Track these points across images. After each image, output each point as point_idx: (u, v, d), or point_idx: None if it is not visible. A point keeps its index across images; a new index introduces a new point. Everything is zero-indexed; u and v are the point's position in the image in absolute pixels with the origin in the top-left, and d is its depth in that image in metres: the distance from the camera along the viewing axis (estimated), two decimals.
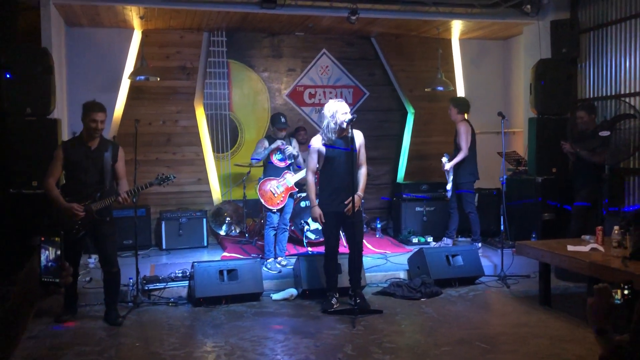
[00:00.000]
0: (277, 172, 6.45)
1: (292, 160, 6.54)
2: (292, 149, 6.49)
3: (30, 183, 5.90)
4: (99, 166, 4.97)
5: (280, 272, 6.19)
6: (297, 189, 6.59)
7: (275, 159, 6.48)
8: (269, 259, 6.37)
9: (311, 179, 5.37)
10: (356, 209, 5.13)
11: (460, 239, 8.03)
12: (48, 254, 1.55)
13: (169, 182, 5.33)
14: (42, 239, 1.56)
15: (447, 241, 7.32)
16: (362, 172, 5.30)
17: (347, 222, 5.23)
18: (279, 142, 6.40)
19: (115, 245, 5.22)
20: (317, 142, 5.26)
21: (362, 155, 5.30)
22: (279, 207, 6.37)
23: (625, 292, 2.00)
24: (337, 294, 5.40)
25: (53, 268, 1.55)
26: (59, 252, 1.56)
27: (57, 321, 5.03)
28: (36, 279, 1.54)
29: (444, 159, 7.07)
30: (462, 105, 7.23)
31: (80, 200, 4.87)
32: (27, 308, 1.56)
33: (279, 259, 6.45)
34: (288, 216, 6.55)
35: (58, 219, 4.87)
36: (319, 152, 5.26)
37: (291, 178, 6.46)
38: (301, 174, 6.50)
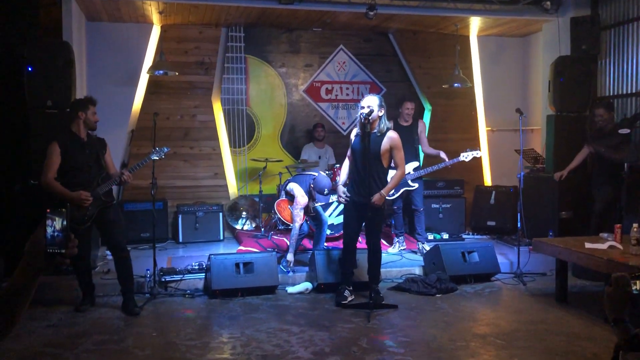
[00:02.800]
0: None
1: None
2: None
3: None
4: (94, 156, 5.09)
5: (289, 272, 6.07)
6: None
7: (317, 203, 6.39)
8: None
9: (344, 164, 5.58)
10: (375, 204, 5.14)
11: (476, 236, 8.01)
12: (54, 225, 1.55)
13: (163, 154, 5.43)
14: (48, 210, 1.56)
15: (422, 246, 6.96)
16: (395, 174, 5.30)
17: (367, 217, 5.23)
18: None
19: (123, 230, 5.35)
20: (353, 132, 5.45)
21: (397, 158, 5.27)
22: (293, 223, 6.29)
23: None
24: (351, 287, 5.41)
25: (59, 239, 1.55)
26: (64, 223, 1.56)
27: (77, 310, 5.11)
28: (41, 250, 1.54)
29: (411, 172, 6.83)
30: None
31: (85, 188, 4.94)
32: (30, 280, 1.56)
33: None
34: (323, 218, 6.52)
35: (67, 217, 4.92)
36: (350, 141, 5.44)
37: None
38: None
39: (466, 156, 6.74)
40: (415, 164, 6.89)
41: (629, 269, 4.33)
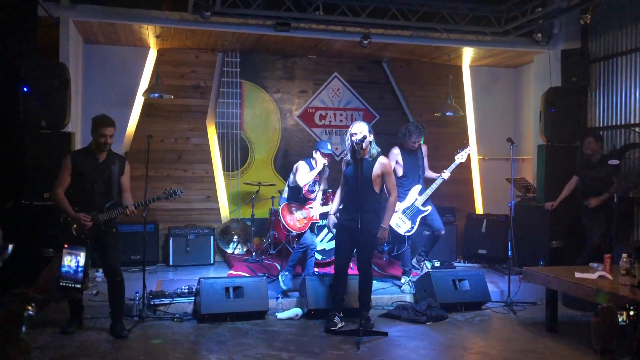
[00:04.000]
0: (301, 200, 6.42)
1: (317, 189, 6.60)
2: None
3: (42, 195, 5.96)
4: (106, 178, 5.05)
5: (286, 290, 6.09)
6: (320, 220, 6.60)
7: (307, 190, 6.47)
8: (286, 272, 6.34)
9: (337, 192, 5.66)
10: (381, 241, 5.30)
11: (467, 264, 8.01)
12: (76, 260, 1.59)
13: (176, 197, 5.41)
14: (66, 245, 1.60)
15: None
16: (389, 201, 5.36)
17: (358, 243, 5.23)
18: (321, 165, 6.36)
19: (120, 255, 5.31)
20: (344, 160, 5.50)
21: (388, 183, 5.35)
22: (298, 232, 6.33)
23: (631, 313, 2.01)
24: (341, 313, 5.38)
25: (78, 274, 1.58)
26: (84, 259, 1.61)
27: (63, 332, 5.04)
28: (54, 283, 1.57)
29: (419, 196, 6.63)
30: None
31: (87, 210, 4.93)
32: (38, 307, 1.58)
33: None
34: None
35: (65, 229, 4.92)
36: (343, 169, 5.49)
37: (317, 208, 6.45)
38: (327, 208, 6.61)
39: (460, 157, 6.66)
40: (418, 187, 6.69)
41: (619, 299, 4.35)
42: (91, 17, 6.65)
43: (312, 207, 6.44)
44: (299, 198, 6.61)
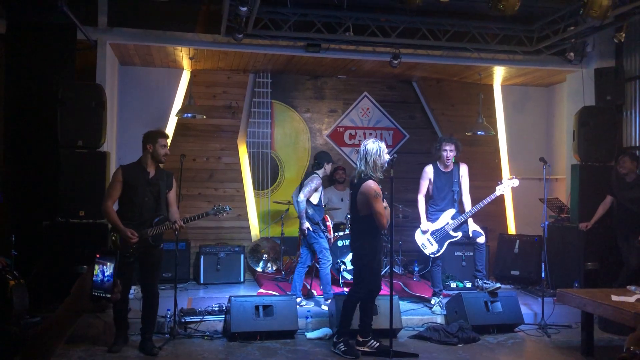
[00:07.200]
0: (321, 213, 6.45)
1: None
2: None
3: (78, 213, 6.10)
4: (156, 193, 5.10)
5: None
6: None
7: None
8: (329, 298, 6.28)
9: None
10: None
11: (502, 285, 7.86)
12: (103, 270, 1.61)
13: (224, 214, 5.39)
14: (98, 255, 1.62)
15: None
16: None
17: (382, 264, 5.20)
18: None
19: (160, 273, 5.40)
20: (377, 187, 4.99)
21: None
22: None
23: None
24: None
25: (106, 283, 1.60)
26: (113, 269, 1.62)
27: (109, 351, 5.06)
28: (87, 293, 1.59)
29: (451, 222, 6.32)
30: None
31: (136, 224, 4.97)
32: (70, 320, 1.62)
33: (328, 300, 6.26)
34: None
35: (115, 242, 4.98)
36: (380, 195, 5.01)
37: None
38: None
39: (502, 189, 6.26)
40: (452, 211, 6.36)
41: None
42: (127, 40, 6.84)
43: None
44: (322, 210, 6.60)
